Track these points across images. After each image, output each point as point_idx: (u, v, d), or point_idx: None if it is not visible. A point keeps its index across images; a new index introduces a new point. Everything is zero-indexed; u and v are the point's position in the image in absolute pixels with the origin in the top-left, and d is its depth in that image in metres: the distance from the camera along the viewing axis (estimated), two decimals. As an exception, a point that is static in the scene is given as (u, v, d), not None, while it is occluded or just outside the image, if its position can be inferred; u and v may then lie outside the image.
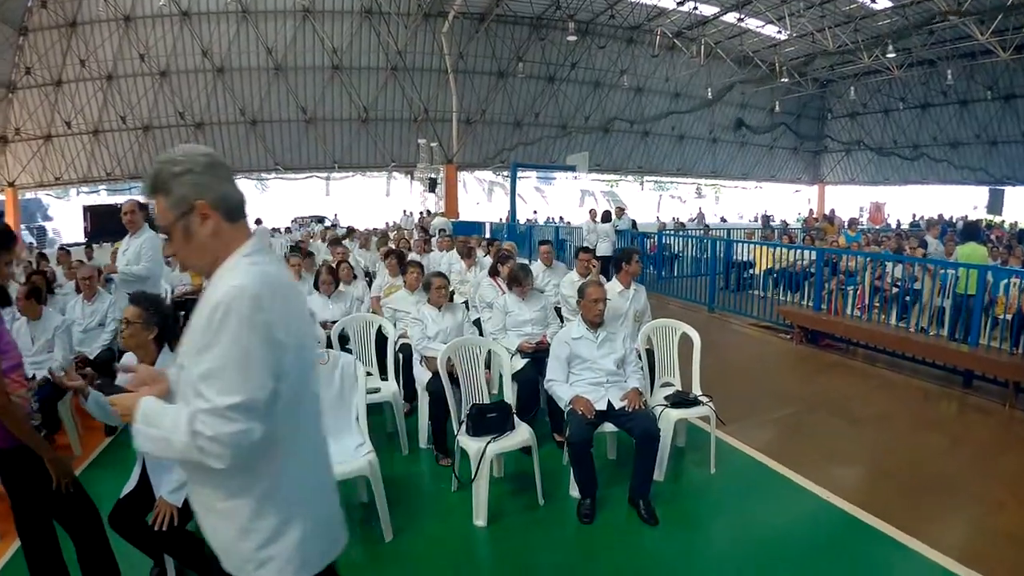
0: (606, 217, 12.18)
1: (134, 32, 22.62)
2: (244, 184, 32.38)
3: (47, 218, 32.24)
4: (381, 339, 4.89)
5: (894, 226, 24.64)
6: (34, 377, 3.96)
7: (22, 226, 26.05)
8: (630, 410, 3.52)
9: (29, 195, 27.60)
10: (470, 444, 3.45)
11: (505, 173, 30.01)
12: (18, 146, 23.87)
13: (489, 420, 3.53)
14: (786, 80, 26.38)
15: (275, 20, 23.07)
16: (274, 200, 31.30)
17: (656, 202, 37.52)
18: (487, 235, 18.77)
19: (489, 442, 3.39)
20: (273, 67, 23.71)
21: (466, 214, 25.39)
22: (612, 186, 37.13)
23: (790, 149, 34.75)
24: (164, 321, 2.56)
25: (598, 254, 10.69)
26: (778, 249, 9.86)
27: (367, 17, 23.21)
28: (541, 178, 36.67)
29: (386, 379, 4.70)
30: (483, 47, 24.94)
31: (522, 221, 23.99)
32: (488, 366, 4.25)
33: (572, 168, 21.49)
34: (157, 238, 5.02)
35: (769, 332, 7.95)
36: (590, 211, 13.06)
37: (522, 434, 3.56)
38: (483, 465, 3.33)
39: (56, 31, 22.42)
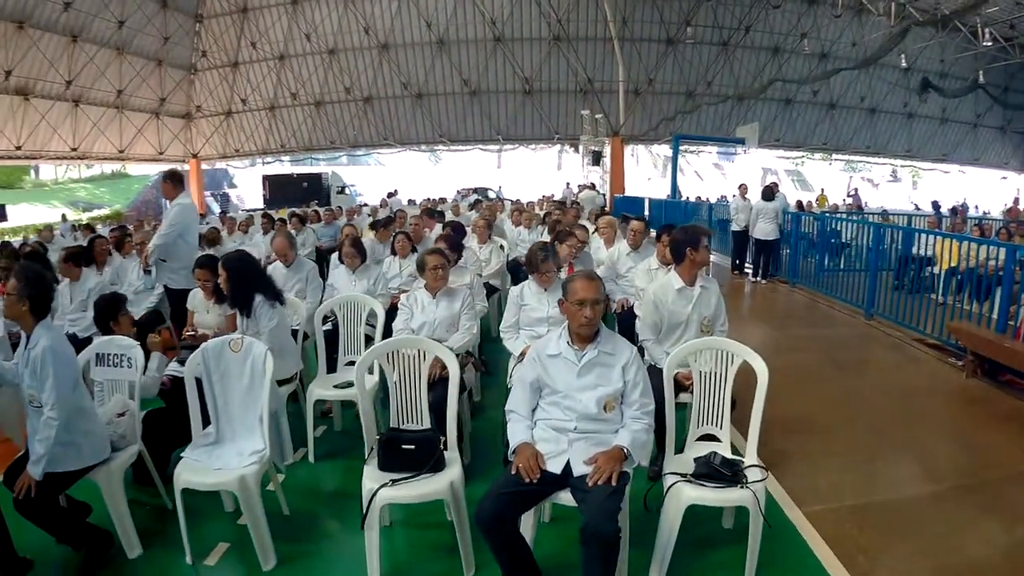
0: (768, 194, 10.29)
1: (301, 14, 25.33)
2: (416, 156, 35.45)
3: (232, 186, 37.18)
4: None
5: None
6: (74, 335, 5.00)
7: (206, 192, 30.81)
8: (590, 483, 2.36)
9: (219, 165, 32.05)
10: (365, 481, 2.70)
11: (683, 147, 30.63)
12: (201, 122, 28.04)
13: (404, 453, 2.75)
14: (989, 44, 24.23)
15: (437, -5, 25.08)
16: (446, 173, 34.91)
17: (846, 185, 35.43)
18: (646, 212, 18.59)
19: (383, 485, 2.63)
20: (435, 41, 25.21)
21: (635, 189, 25.43)
22: (797, 164, 35.92)
23: (996, 128, 31.21)
24: (37, 294, 2.69)
25: (756, 236, 10.18)
26: (964, 244, 8.31)
27: None
28: (722, 154, 36.04)
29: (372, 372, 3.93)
30: (649, 12, 24.70)
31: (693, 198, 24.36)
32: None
33: (741, 141, 20.82)
34: (182, 207, 5.56)
35: (936, 354, 6.18)
36: (739, 186, 11.72)
37: (442, 481, 2.69)
38: (371, 514, 2.60)
39: (229, 17, 25.76)
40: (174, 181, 5.61)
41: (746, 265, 11.04)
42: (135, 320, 5.35)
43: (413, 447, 2.73)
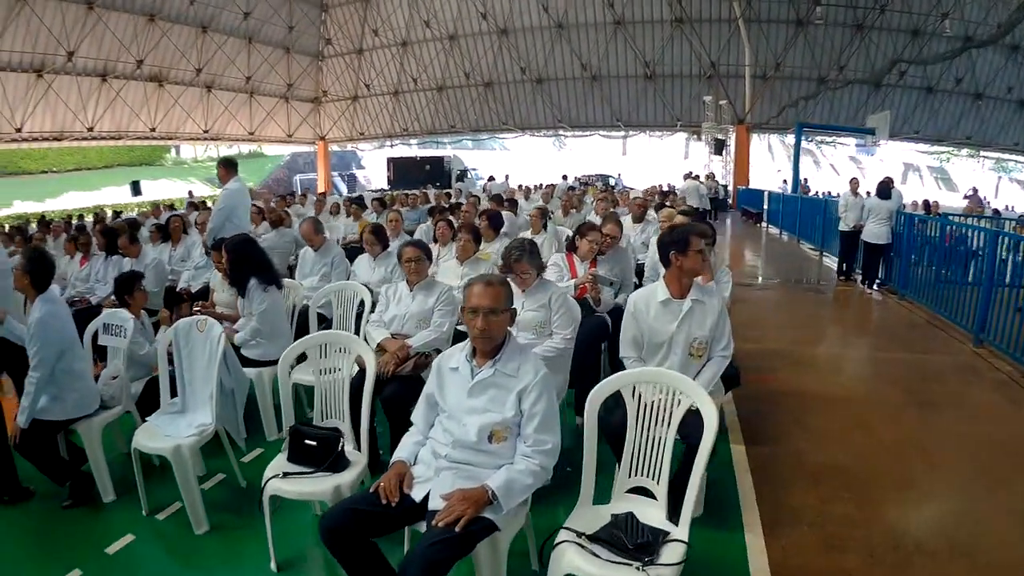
0: (883, 190, 9.20)
1: (422, 2, 26.99)
2: (541, 142, 37.95)
3: (360, 167, 40.50)
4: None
5: None
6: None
7: (334, 173, 33.94)
8: (434, 523, 2.09)
9: (350, 147, 34.77)
10: (268, 469, 2.83)
11: (819, 138, 29.99)
12: (329, 105, 30.72)
13: (306, 449, 2.85)
14: None
15: (553, -23, 25.30)
16: (570, 158, 36.86)
17: (994, 185, 34.14)
18: (765, 205, 18.91)
19: (274, 476, 2.75)
20: (554, 25, 25.98)
21: (763, 182, 25.29)
22: (941, 161, 34.33)
23: None
24: (36, 270, 3.39)
25: (865, 239, 9.17)
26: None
27: None
28: (860, 147, 34.91)
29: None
30: None
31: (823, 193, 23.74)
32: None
33: (871, 131, 20.29)
34: (229, 192, 6.18)
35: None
36: (850, 180, 10.65)
37: (328, 483, 2.71)
38: (265, 502, 2.72)
39: (352, 5, 28.24)
40: (227, 167, 6.24)
41: (855, 271, 10.10)
42: (190, 292, 6.28)
43: (315, 444, 2.82)
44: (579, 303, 4.05)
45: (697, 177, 21.11)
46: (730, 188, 25.38)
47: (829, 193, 23.02)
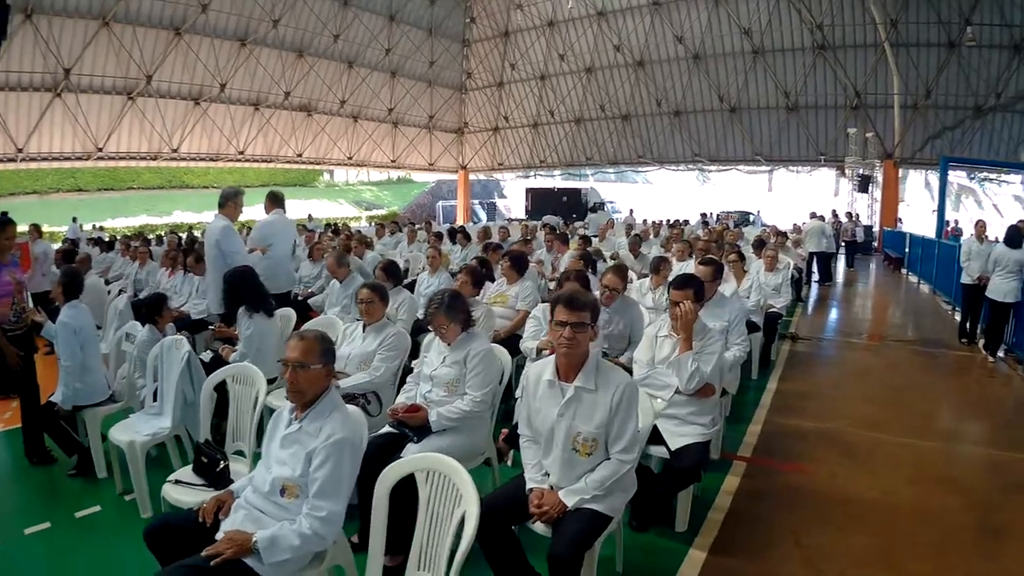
0: (1014, 237, 8.17)
1: (557, 35, 29.20)
2: (684, 176, 39.32)
3: (502, 196, 44.10)
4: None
5: None
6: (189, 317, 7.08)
7: (475, 201, 37.00)
8: (203, 553, 2.33)
9: (484, 177, 37.81)
10: (172, 475, 3.36)
11: (983, 175, 28.78)
12: (470, 136, 33.63)
13: (201, 463, 3.31)
14: None
15: (686, 8, 26.26)
16: (714, 193, 38.16)
17: None
18: (907, 248, 18.29)
19: (168, 481, 3.28)
20: (691, 56, 26.91)
21: (917, 223, 24.57)
22: None
23: None
24: (67, 283, 4.59)
25: (989, 295, 8.23)
26: None
27: None
28: None
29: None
30: (924, 12, 23.30)
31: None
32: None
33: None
34: (264, 222, 6.79)
35: None
36: (976, 223, 9.63)
37: (202, 496, 2.94)
38: (161, 500, 3.26)
39: (492, 41, 31.13)
40: (272, 200, 6.93)
41: (977, 332, 9.03)
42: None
43: (206, 461, 3.28)
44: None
45: (823, 217, 19.96)
46: (875, 229, 25.00)
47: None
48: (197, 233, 17.10)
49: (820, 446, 5.21)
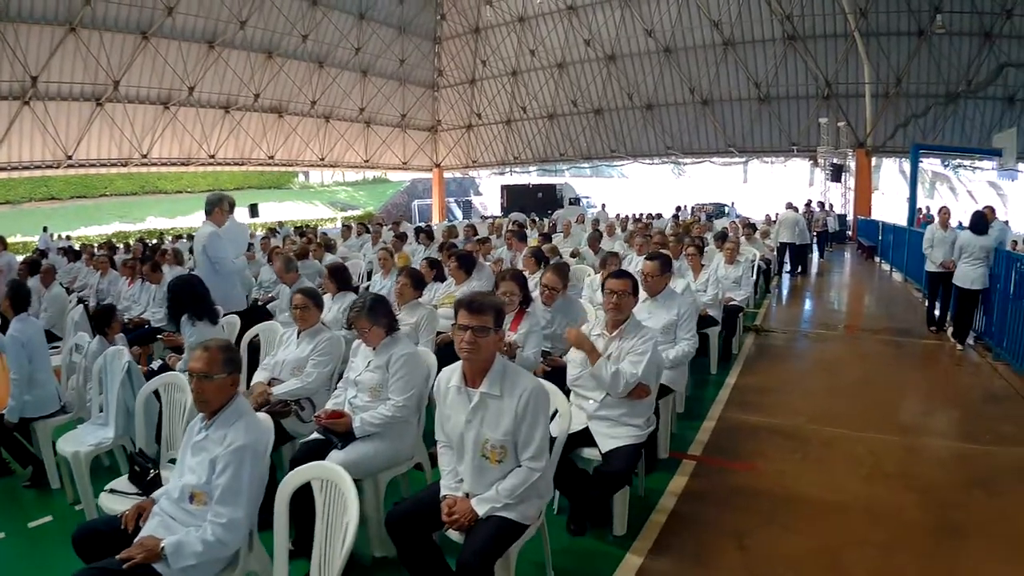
0: (978, 223, 8.11)
1: (528, 30, 29.19)
2: (660, 169, 39.80)
3: (477, 193, 44.32)
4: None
5: None
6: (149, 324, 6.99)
7: (450, 200, 37.08)
8: (117, 557, 2.44)
9: (459, 174, 37.66)
10: (116, 482, 3.39)
11: (957, 162, 28.87)
12: (444, 134, 33.51)
13: (134, 472, 3.38)
14: None
15: (657, 2, 26.44)
16: (689, 186, 38.88)
17: None
18: (879, 236, 18.23)
19: (104, 490, 3.32)
20: (661, 49, 27.05)
21: (891, 211, 24.60)
22: None
23: None
24: (13, 296, 4.61)
25: (956, 283, 8.16)
26: None
27: None
28: (1002, 172, 32.76)
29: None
30: (893, 0, 23.55)
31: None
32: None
33: (997, 153, 19.25)
34: (205, 234, 6.29)
35: None
36: (940, 209, 9.58)
37: (127, 504, 2.84)
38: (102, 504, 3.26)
39: (463, 38, 31.13)
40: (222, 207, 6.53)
41: (947, 320, 8.94)
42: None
43: (138, 469, 3.33)
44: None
45: (798, 208, 18.80)
46: (849, 218, 25.22)
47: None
48: (170, 238, 17.02)
49: (774, 443, 5.08)
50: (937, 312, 9.11)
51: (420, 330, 5.02)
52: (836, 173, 24.95)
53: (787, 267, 15.31)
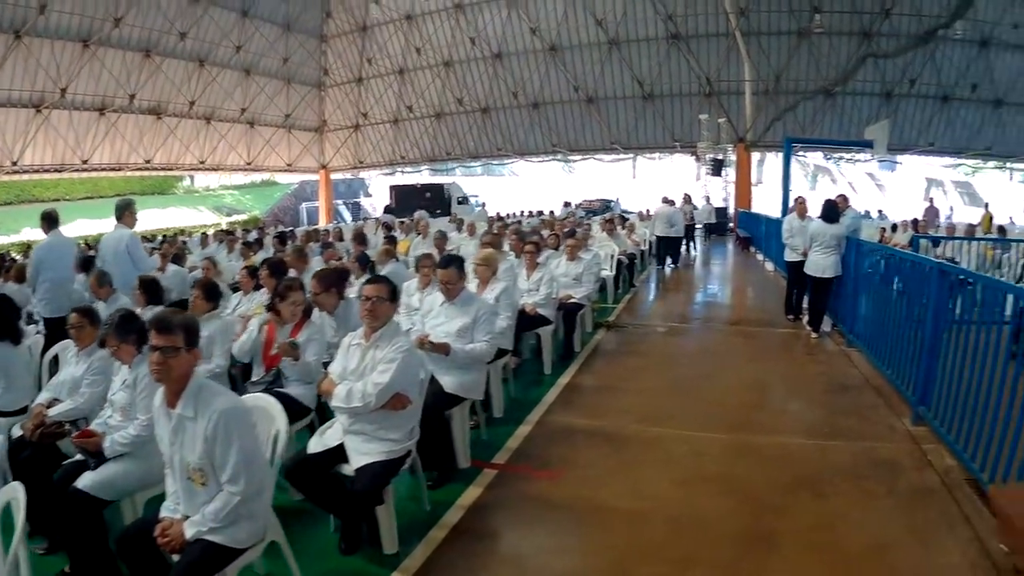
0: (829, 212, 8.20)
1: (415, 29, 28.90)
2: (551, 167, 39.84)
3: (367, 195, 43.54)
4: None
5: None
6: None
7: (339, 202, 36.59)
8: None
9: (349, 175, 37.19)
10: None
11: (837, 156, 30.48)
12: (331, 134, 32.87)
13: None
14: None
15: (543, 1, 26.53)
16: (579, 182, 39.31)
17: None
18: (764, 228, 18.05)
19: None
20: (547, 48, 27.24)
21: (768, 204, 25.03)
22: (967, 175, 36.12)
23: None
24: None
25: (807, 272, 8.27)
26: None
27: None
28: (882, 163, 34.47)
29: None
30: (774, 0, 24.36)
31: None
32: None
33: (868, 144, 19.86)
34: (38, 246, 6.85)
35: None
36: (796, 199, 9.93)
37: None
38: None
39: (349, 36, 30.57)
40: (46, 221, 6.76)
41: (803, 309, 9.10)
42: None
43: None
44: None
45: (673, 202, 18.87)
46: (731, 210, 26.13)
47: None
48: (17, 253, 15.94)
49: (590, 446, 4.86)
50: (795, 301, 9.26)
51: (214, 343, 4.75)
52: (716, 168, 25.63)
53: (669, 261, 15.69)
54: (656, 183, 31.25)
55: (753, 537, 3.58)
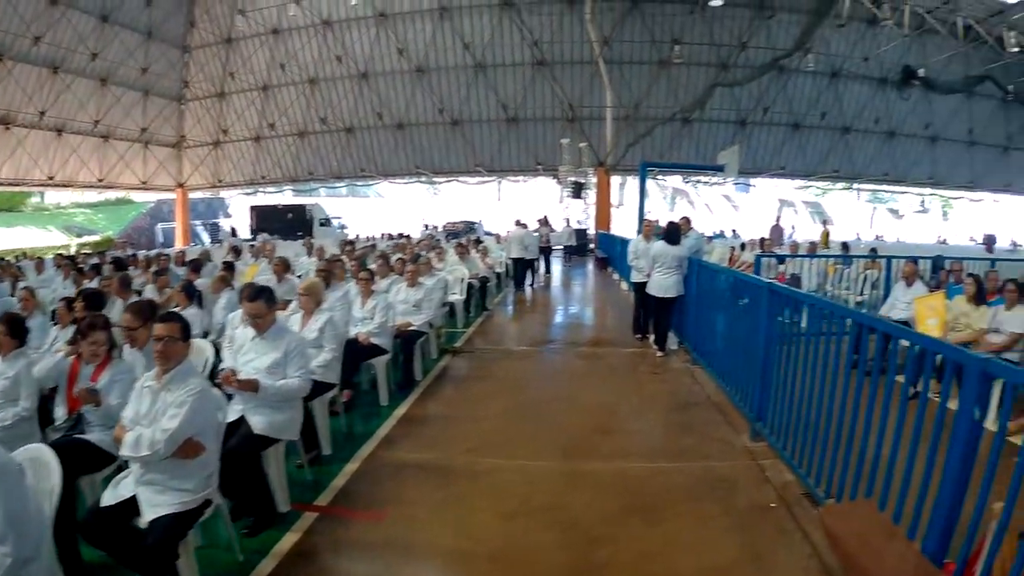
0: (671, 234, 8.39)
1: (282, 43, 28.23)
2: (416, 188, 39.42)
3: (227, 215, 41.47)
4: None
5: None
6: None
7: (197, 222, 34.63)
8: None
9: (204, 194, 35.53)
10: None
11: (695, 179, 31.73)
12: (190, 151, 31.28)
13: None
14: (1016, 49, 23.83)
15: (412, 21, 26.52)
16: (445, 204, 39.00)
17: (869, 216, 37.57)
18: (620, 248, 18.19)
19: None
20: (414, 69, 27.28)
21: (625, 226, 25.48)
22: (817, 196, 38.25)
23: None
24: None
25: (649, 292, 8.48)
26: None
27: (506, 9, 25.48)
28: (738, 185, 37.74)
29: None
30: (638, 31, 25.71)
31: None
32: None
33: (720, 168, 20.64)
34: None
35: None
36: (644, 222, 10.25)
37: None
38: None
39: (213, 48, 29.27)
40: None
41: (651, 328, 9.14)
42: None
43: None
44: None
45: (526, 225, 18.99)
46: (591, 232, 26.84)
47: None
48: None
49: (418, 482, 4.63)
50: (643, 320, 9.36)
51: (19, 384, 4.34)
52: (577, 191, 26.26)
53: (529, 280, 16.13)
54: (520, 205, 31.59)
55: (580, 571, 3.50)
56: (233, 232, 28.49)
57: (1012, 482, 2.33)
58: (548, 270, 19.44)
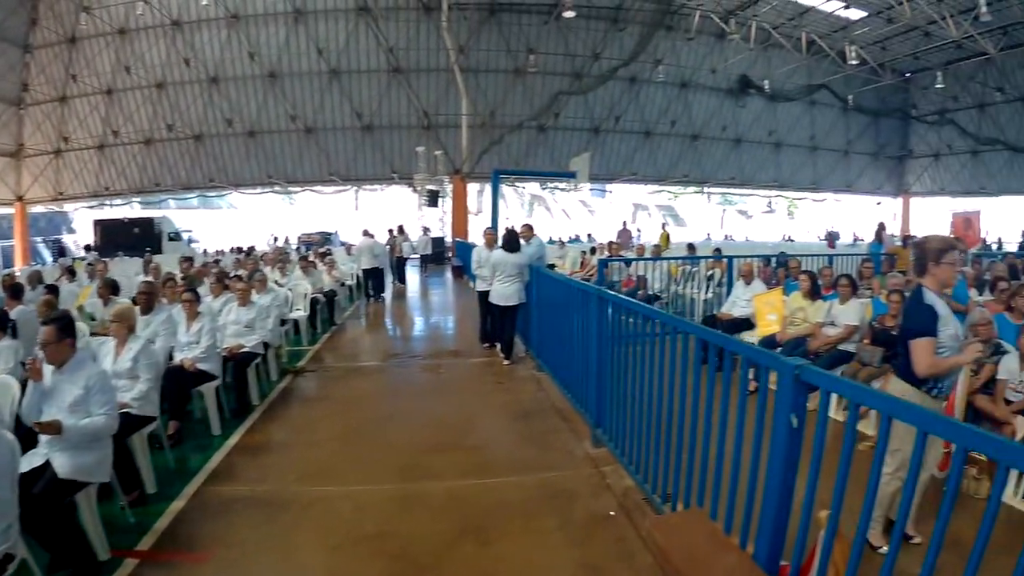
0: (509, 242, 8.55)
1: (128, 45, 26.71)
2: (272, 198, 38.16)
3: (71, 231, 38.54)
4: None
5: (996, 246, 23.88)
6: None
7: (38, 239, 32.02)
8: None
9: (65, 207, 33.33)
10: None
11: (552, 186, 31.79)
12: (29, 161, 28.81)
13: None
14: (856, 62, 25.96)
15: (265, 24, 25.92)
16: (301, 214, 38.23)
17: (719, 218, 39.95)
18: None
19: None
20: (265, 74, 26.63)
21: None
22: (670, 199, 40.29)
23: (869, 155, 34.66)
24: None
25: (493, 302, 8.58)
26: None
27: (362, 15, 25.38)
28: (594, 191, 39.01)
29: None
30: (495, 40, 26.44)
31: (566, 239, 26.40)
32: None
33: (571, 175, 21.18)
34: None
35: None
36: (485, 231, 10.22)
37: None
38: None
39: (56, 48, 26.98)
40: None
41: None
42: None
43: None
44: None
45: (374, 235, 18.71)
46: (448, 240, 27.03)
47: (551, 239, 24.50)
48: None
49: (246, 518, 4.40)
50: (490, 328, 9.36)
51: None
52: (433, 199, 26.20)
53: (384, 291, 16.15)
54: (378, 215, 31.50)
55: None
56: (63, 251, 26.76)
57: (836, 488, 2.38)
58: (402, 280, 19.56)
